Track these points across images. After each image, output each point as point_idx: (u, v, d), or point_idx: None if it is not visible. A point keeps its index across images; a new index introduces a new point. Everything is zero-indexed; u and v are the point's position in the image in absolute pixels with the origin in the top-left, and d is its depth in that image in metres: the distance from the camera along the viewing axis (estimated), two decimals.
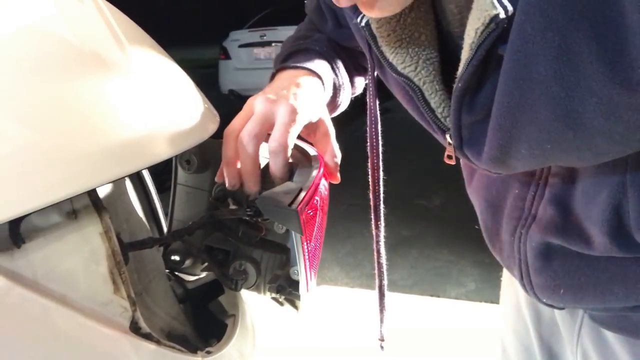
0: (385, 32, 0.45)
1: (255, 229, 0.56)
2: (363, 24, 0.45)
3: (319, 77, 0.59)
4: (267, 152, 0.50)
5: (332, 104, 0.65)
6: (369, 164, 0.56)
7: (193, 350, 0.46)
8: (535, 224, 0.50)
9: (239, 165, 0.50)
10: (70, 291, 0.36)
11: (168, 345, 0.43)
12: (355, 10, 0.46)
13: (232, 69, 6.48)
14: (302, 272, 0.49)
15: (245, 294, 0.62)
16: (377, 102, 0.54)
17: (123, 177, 0.51)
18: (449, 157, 0.49)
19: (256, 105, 0.50)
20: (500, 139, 0.40)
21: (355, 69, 0.68)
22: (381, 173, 0.57)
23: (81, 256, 0.38)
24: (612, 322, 0.50)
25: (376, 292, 0.63)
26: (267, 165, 0.51)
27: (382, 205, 0.59)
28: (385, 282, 0.63)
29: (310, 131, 0.58)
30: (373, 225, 0.60)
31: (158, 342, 0.42)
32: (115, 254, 0.39)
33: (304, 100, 0.51)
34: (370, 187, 0.58)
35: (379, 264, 0.62)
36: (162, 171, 0.69)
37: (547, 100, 0.35)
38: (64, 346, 0.36)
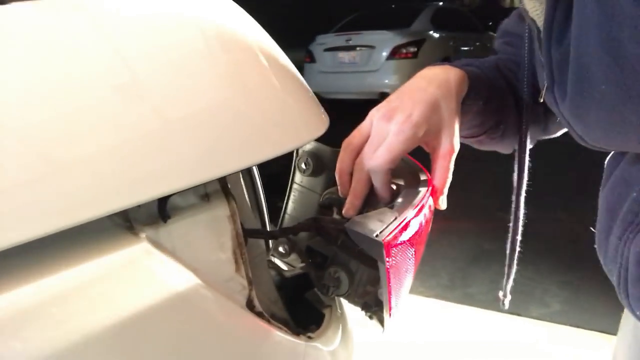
0: None
1: None
2: None
3: (467, 76, 0.56)
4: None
5: (487, 121, 0.61)
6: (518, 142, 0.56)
7: (296, 333, 0.49)
8: None
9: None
10: (200, 265, 0.41)
11: (276, 325, 0.46)
12: None
13: (317, 72, 6.63)
14: (386, 299, 0.48)
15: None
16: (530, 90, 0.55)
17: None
18: (541, 95, 0.50)
19: (374, 121, 0.51)
20: (574, 72, 0.40)
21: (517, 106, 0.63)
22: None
23: (211, 235, 0.42)
24: None
25: (508, 244, 0.63)
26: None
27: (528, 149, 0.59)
28: (519, 237, 0.62)
29: (433, 145, 0.54)
30: (516, 170, 0.60)
31: (268, 321, 0.45)
32: (239, 236, 0.43)
33: (425, 114, 0.50)
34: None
35: (516, 217, 0.61)
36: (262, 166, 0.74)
37: (594, 29, 0.35)
38: (189, 312, 0.40)
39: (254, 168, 0.69)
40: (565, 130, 0.67)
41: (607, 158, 0.62)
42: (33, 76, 0.34)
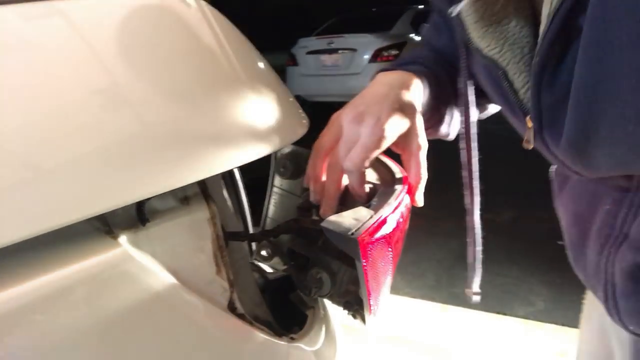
0: (473, 19, 0.47)
1: None
2: (455, 13, 0.47)
3: (419, 78, 0.58)
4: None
5: (435, 115, 0.62)
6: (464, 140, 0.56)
7: (278, 335, 0.49)
8: (627, 244, 0.46)
9: (324, 178, 0.52)
10: (180, 268, 0.41)
11: (258, 327, 0.46)
12: (449, 2, 0.48)
13: (299, 75, 6.63)
14: (365, 297, 0.49)
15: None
16: (473, 95, 0.54)
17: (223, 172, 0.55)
18: (527, 141, 0.48)
19: (344, 125, 0.51)
20: (579, 117, 0.39)
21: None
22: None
23: (191, 238, 0.42)
24: None
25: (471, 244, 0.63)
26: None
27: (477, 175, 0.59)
28: (479, 248, 0.63)
29: (402, 146, 0.55)
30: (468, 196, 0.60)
31: (250, 323, 0.45)
32: (219, 238, 0.43)
33: (393, 117, 0.51)
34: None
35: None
36: (246, 170, 0.74)
37: (627, 69, 0.34)
38: (170, 315, 0.40)
39: (236, 171, 0.69)
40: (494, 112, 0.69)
41: (553, 166, 0.62)
42: (11, 81, 0.34)
